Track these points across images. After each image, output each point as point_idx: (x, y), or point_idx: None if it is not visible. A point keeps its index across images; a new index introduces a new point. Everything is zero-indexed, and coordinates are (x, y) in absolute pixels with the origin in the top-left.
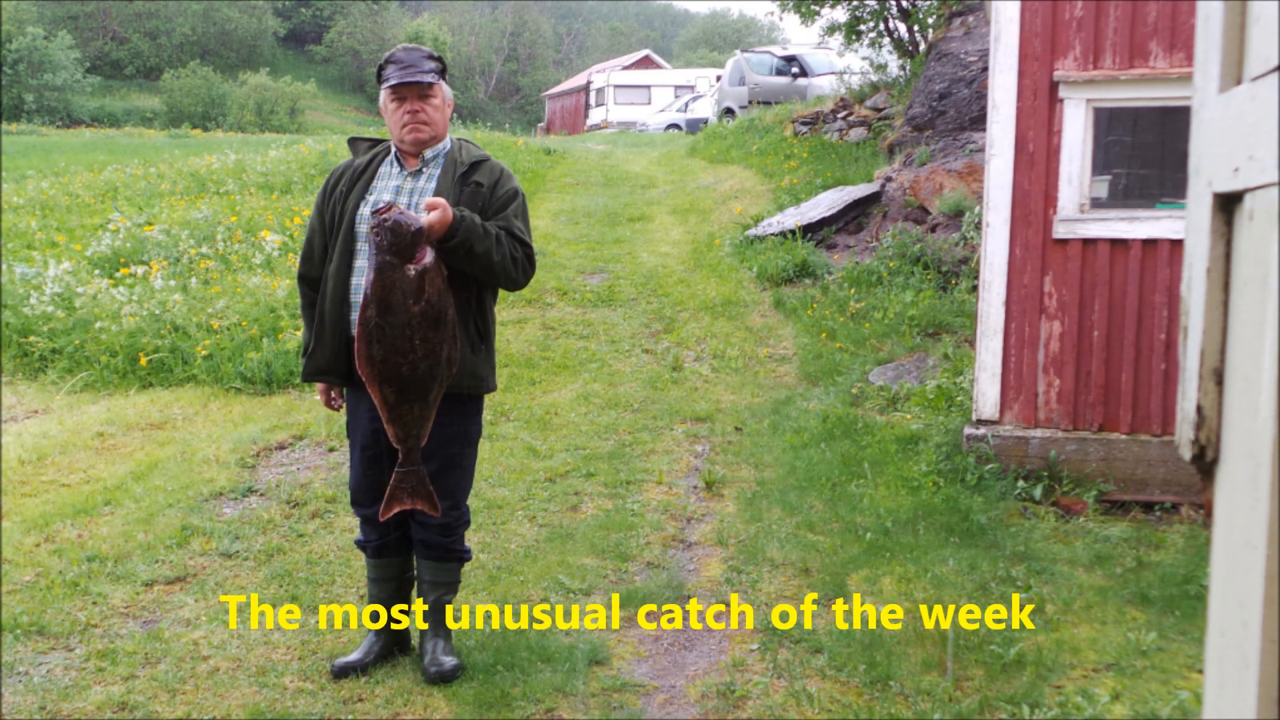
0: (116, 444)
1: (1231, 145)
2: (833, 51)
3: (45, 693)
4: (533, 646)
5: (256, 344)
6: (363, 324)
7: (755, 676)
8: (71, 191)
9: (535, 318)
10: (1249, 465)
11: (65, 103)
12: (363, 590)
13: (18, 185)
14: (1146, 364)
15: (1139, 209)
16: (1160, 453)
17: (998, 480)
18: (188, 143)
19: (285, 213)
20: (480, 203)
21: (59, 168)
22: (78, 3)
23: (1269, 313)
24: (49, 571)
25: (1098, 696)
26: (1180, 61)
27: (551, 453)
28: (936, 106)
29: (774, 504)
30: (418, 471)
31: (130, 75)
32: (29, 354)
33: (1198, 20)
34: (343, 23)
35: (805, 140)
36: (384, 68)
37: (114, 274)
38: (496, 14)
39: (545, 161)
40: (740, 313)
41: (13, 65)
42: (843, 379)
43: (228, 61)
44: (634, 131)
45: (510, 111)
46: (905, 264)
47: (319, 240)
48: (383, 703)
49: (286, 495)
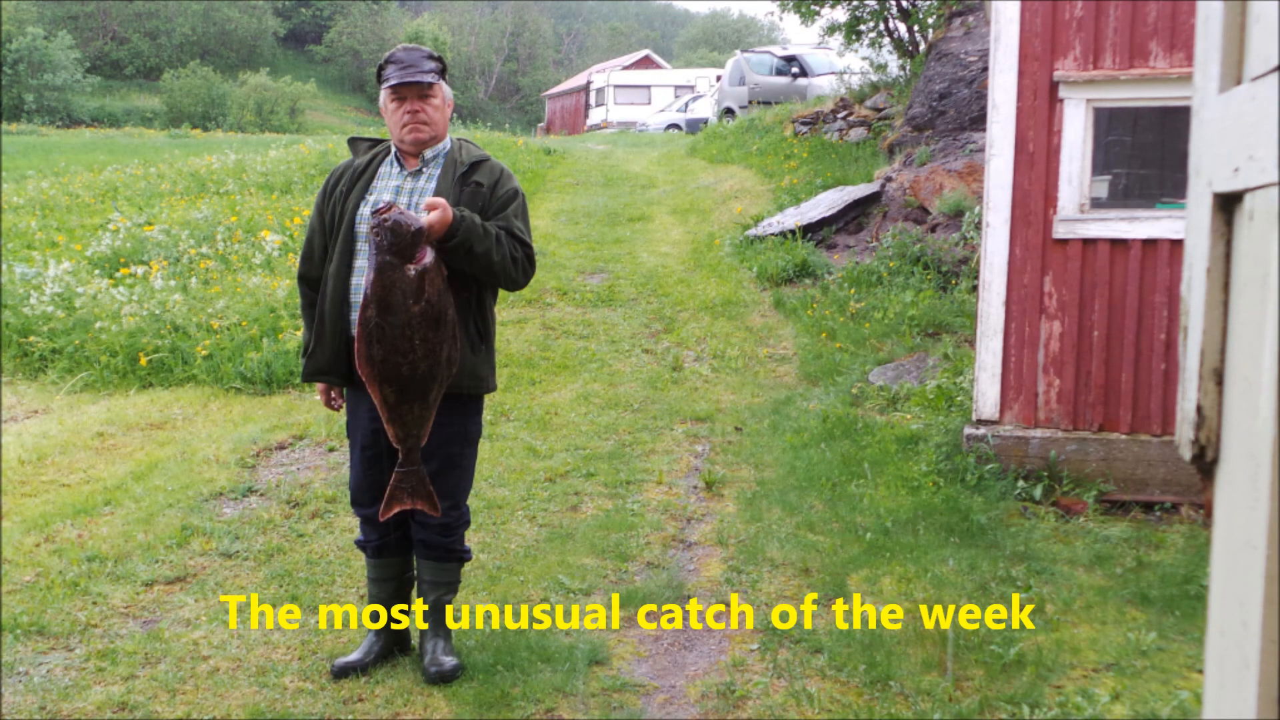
0: (116, 444)
1: (1231, 145)
2: (833, 51)
3: (45, 693)
4: (533, 646)
5: (256, 344)
6: (363, 324)
7: (755, 676)
8: (71, 191)
9: (535, 318)
10: (1249, 465)
11: (65, 103)
12: (363, 590)
13: (18, 185)
14: (1146, 364)
15: (1139, 209)
16: (1160, 453)
17: (998, 480)
18: (188, 143)
19: (285, 213)
20: (480, 203)
21: (59, 168)
22: (78, 3)
23: (1269, 313)
24: (49, 571)
25: (1098, 696)
26: (1180, 61)
27: (551, 453)
28: (936, 106)
29: (774, 504)
30: (418, 471)
31: (130, 75)
32: (29, 354)
33: (1198, 20)
34: (343, 23)
35: (805, 140)
36: (384, 68)
37: (114, 274)
38: (496, 14)
39: (545, 161)
40: (740, 313)
41: (13, 65)
42: (843, 379)
43: (228, 61)
44: (634, 131)
45: (510, 111)
46: (905, 264)
47: (319, 240)
48: (383, 703)
49: (286, 495)
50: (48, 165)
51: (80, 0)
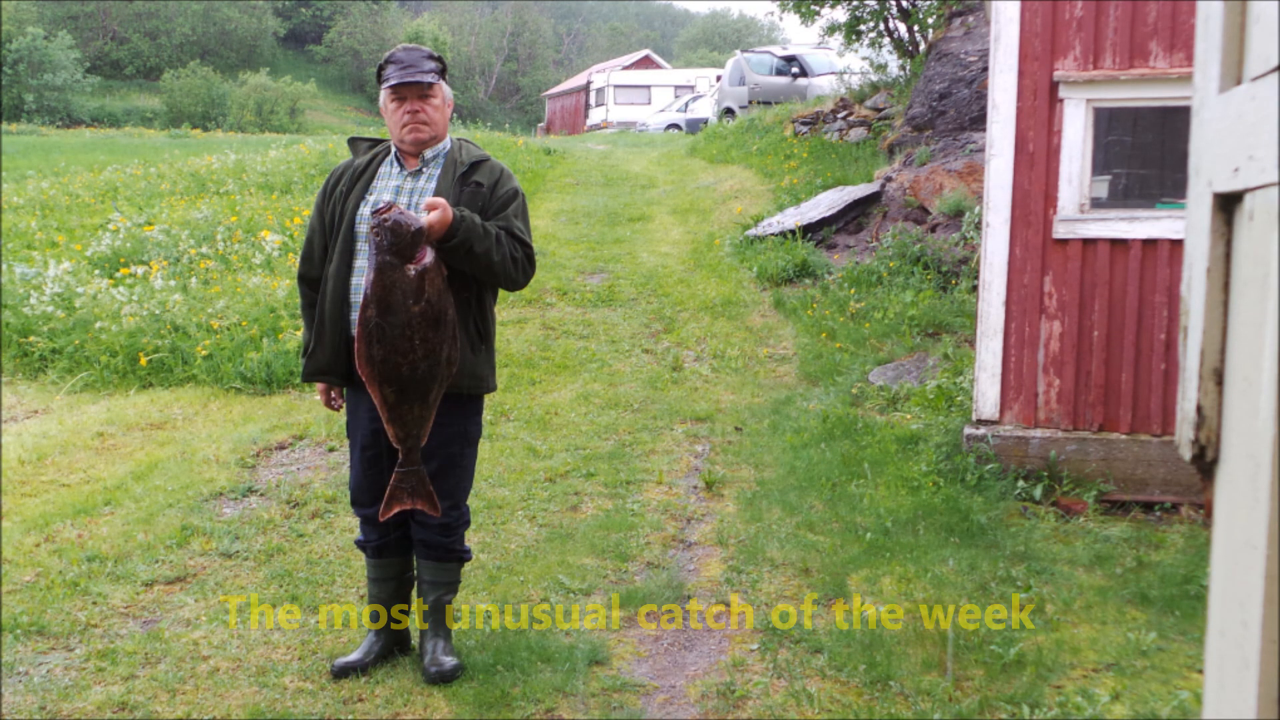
0: (116, 444)
1: (1231, 145)
2: (833, 51)
3: (45, 693)
4: (533, 646)
5: (256, 344)
6: (363, 324)
7: (755, 676)
8: (71, 191)
9: (535, 318)
10: (1249, 465)
11: (65, 103)
12: (363, 590)
13: (18, 185)
14: (1146, 364)
15: (1139, 209)
16: (1160, 453)
17: (998, 480)
18: (188, 143)
19: (285, 213)
20: (480, 203)
21: (59, 168)
22: (78, 3)
23: (1269, 313)
24: (49, 571)
25: (1098, 696)
26: (1180, 61)
27: (551, 453)
28: (936, 106)
29: (774, 504)
30: (418, 471)
31: (130, 75)
32: (29, 354)
33: (1198, 20)
34: (343, 23)
35: (805, 140)
36: (384, 68)
37: (114, 274)
38: (496, 14)
39: (545, 161)
40: (740, 313)
41: (13, 65)
42: (843, 379)
43: (228, 61)
44: (634, 131)
45: (510, 111)
46: (905, 264)
47: (319, 240)
48: (383, 703)
49: (286, 495)
50: (48, 165)
51: (80, 0)
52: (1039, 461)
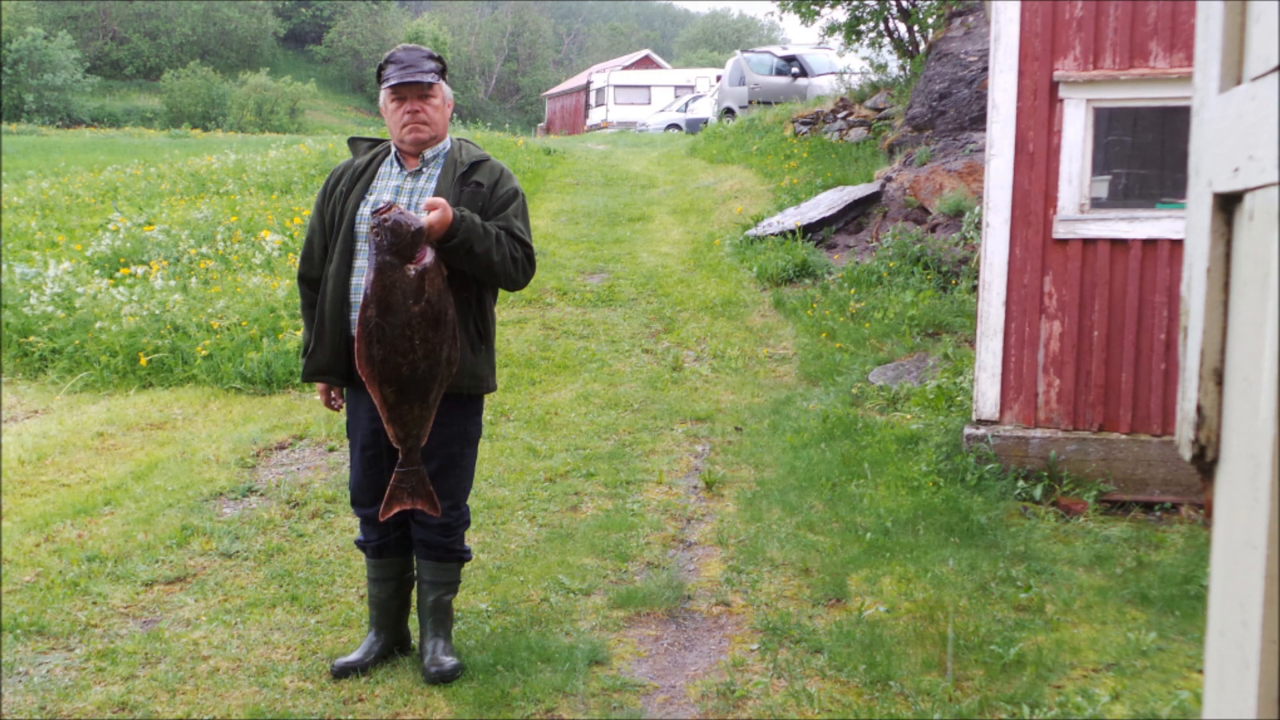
0: (116, 444)
1: (1231, 145)
2: (833, 51)
3: (45, 693)
4: (533, 646)
5: (256, 344)
6: (363, 324)
7: (755, 676)
8: (71, 191)
9: (535, 318)
10: (1249, 465)
11: (65, 103)
12: (363, 590)
13: (18, 185)
14: (1146, 364)
15: (1139, 209)
16: (1160, 453)
17: (998, 480)
18: (188, 143)
19: (285, 213)
20: (480, 203)
21: (59, 168)
22: (78, 3)
23: (1269, 313)
24: (49, 571)
25: (1098, 696)
26: (1180, 61)
27: (551, 453)
28: (936, 106)
29: (774, 504)
30: (418, 471)
31: (130, 75)
32: (29, 354)
33: (1198, 20)
34: (343, 23)
35: (805, 140)
36: (384, 68)
37: (114, 274)
38: (496, 14)
39: (545, 161)
40: (740, 313)
41: (13, 65)
42: (843, 379)
43: (228, 61)
44: (634, 131)
45: (510, 111)
46: (905, 264)
47: (319, 240)
48: (383, 703)
49: (286, 495)
50: (48, 165)
51: (80, 0)
52: (1039, 461)
